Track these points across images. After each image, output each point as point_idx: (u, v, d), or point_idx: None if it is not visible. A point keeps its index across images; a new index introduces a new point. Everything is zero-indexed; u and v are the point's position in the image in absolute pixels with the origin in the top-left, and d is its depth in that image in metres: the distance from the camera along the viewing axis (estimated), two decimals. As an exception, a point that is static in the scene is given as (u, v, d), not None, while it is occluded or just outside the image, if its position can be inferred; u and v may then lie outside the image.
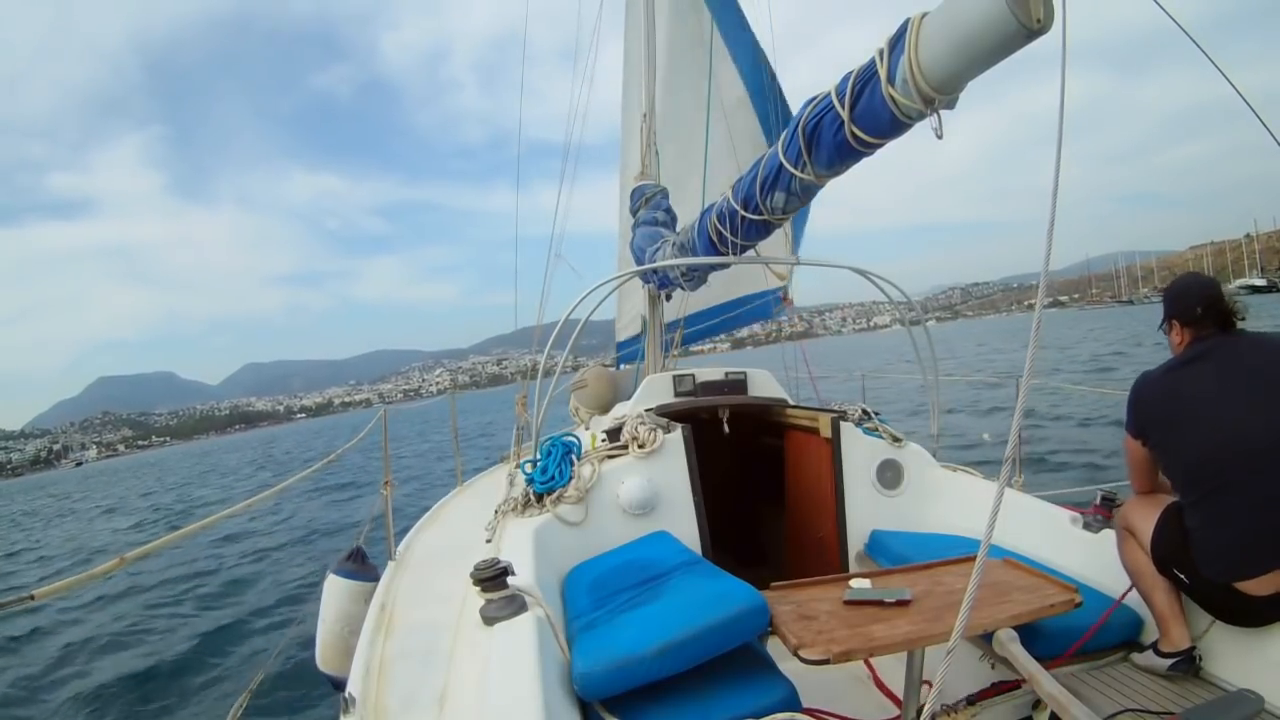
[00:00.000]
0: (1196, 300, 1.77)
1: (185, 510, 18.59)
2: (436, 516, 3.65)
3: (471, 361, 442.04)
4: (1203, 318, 1.76)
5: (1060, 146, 1.15)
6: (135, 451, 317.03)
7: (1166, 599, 1.79)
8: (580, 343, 3.19)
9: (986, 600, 1.70)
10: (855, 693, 2.26)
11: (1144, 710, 1.61)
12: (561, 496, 2.48)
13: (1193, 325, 1.78)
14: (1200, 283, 1.83)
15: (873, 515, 2.86)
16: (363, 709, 1.62)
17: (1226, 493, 1.61)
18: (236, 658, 5.61)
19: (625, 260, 4.91)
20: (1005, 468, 1.14)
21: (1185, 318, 1.79)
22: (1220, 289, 1.80)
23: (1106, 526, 2.23)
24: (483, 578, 1.64)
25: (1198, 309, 1.77)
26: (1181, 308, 1.80)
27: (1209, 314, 1.76)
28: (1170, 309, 1.84)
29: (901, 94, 1.65)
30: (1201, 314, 1.76)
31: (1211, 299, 1.76)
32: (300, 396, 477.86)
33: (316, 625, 2.90)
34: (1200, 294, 1.78)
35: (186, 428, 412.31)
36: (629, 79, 5.48)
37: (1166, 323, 1.86)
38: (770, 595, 1.75)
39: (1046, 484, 6.16)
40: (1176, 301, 1.82)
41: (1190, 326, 1.78)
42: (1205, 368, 1.71)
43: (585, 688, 1.49)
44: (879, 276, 3.23)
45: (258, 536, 11.05)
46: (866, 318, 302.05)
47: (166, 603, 7.79)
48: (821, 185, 2.26)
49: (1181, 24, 1.39)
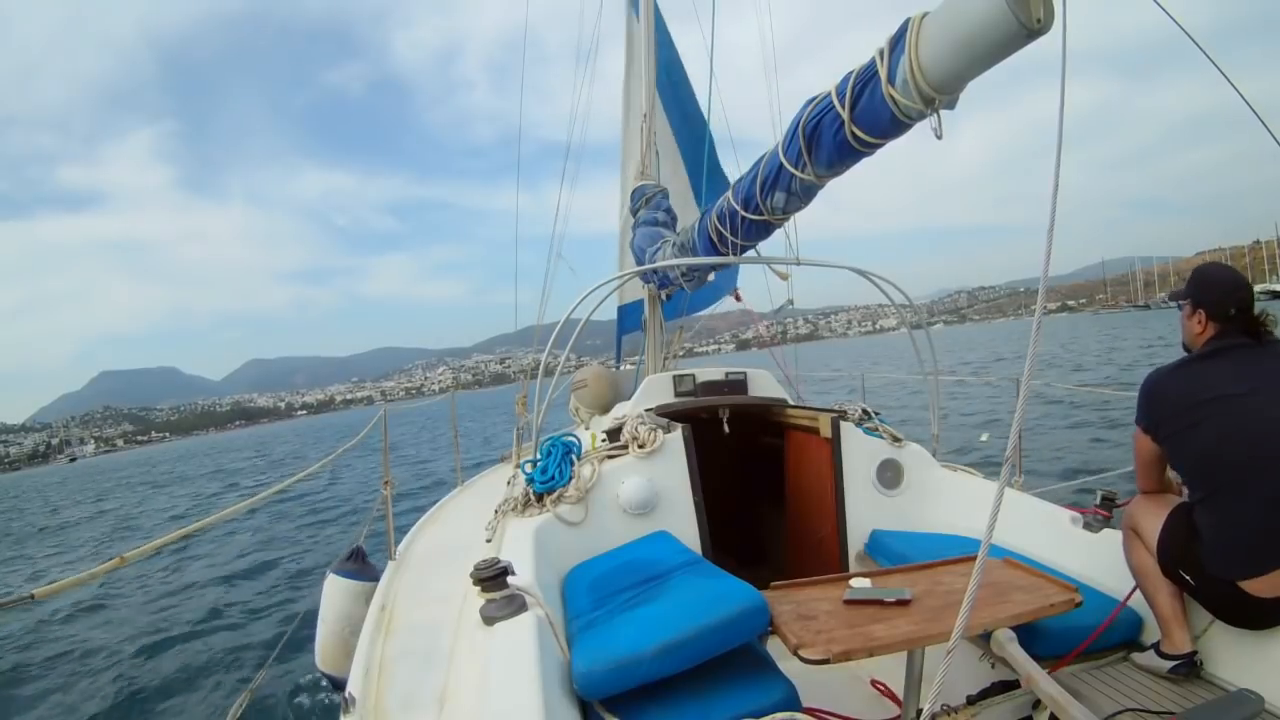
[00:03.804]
0: (1232, 300, 1.71)
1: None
2: (436, 516, 3.65)
3: (475, 360, 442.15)
4: (1234, 318, 1.71)
5: (1060, 147, 1.15)
6: (134, 447, 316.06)
7: (1170, 601, 1.78)
8: (581, 342, 3.20)
9: (986, 600, 1.70)
10: (855, 693, 2.27)
11: (1144, 710, 1.61)
12: (561, 496, 2.48)
13: (1220, 322, 1.72)
14: (1238, 281, 1.76)
15: (873, 515, 2.86)
16: (363, 709, 1.63)
17: (1239, 490, 1.58)
18: (236, 658, 5.61)
19: (625, 260, 4.91)
20: (1005, 468, 1.14)
21: (1215, 312, 1.73)
22: (1253, 292, 1.74)
23: (1106, 526, 2.23)
24: (483, 577, 1.64)
25: (1231, 309, 1.71)
26: (1214, 300, 1.73)
27: (1240, 317, 1.70)
28: (1200, 296, 1.76)
29: (902, 94, 1.65)
30: (1234, 315, 1.71)
31: (1246, 302, 1.71)
32: (302, 393, 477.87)
33: (316, 625, 2.91)
34: (1237, 294, 1.72)
35: (187, 423, 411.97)
36: (629, 80, 5.48)
37: (1191, 306, 1.78)
38: (770, 595, 1.74)
39: (1046, 484, 6.15)
40: (1209, 291, 1.75)
41: (1216, 322, 1.73)
42: (1223, 364, 1.67)
43: (585, 687, 1.49)
44: (879, 277, 3.23)
45: (258, 536, 11.07)
46: (872, 320, 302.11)
47: (166, 602, 7.79)
48: (821, 185, 2.26)
49: (1188, 30, 1.38)
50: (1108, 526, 2.23)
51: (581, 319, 3.06)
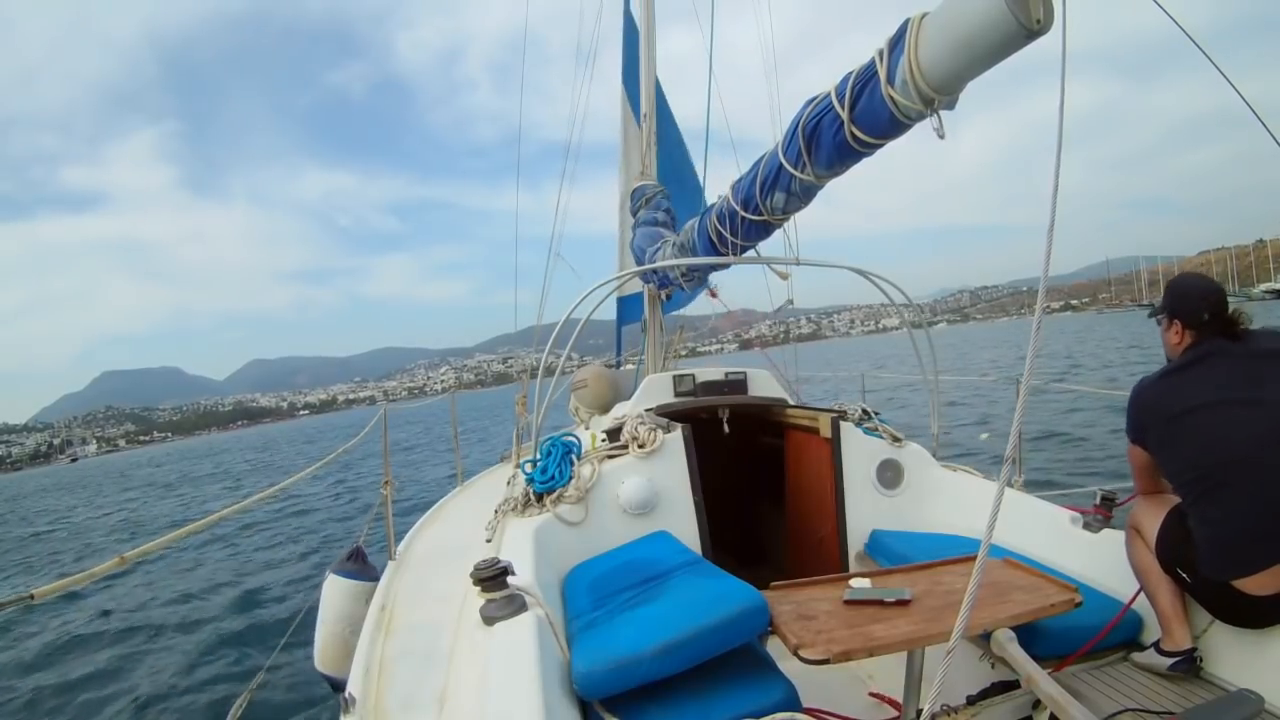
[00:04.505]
0: (1204, 306, 1.74)
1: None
2: (436, 516, 3.65)
3: (477, 360, 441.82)
4: (1208, 323, 1.74)
5: (1060, 148, 1.15)
6: (136, 446, 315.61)
7: (1171, 599, 1.79)
8: (583, 341, 3.20)
9: (986, 600, 1.70)
10: (855, 693, 2.27)
11: (1144, 710, 1.61)
12: (561, 496, 2.48)
13: (1195, 329, 1.76)
14: (1208, 287, 1.79)
15: (873, 515, 2.86)
16: (363, 709, 1.63)
17: (1224, 493, 1.60)
18: (236, 658, 5.61)
19: (625, 258, 4.91)
20: (1005, 468, 1.14)
21: (1190, 320, 1.77)
22: (1225, 295, 1.77)
23: (1107, 526, 2.23)
24: (483, 577, 1.64)
25: (1204, 315, 1.74)
26: (1187, 310, 1.77)
27: (1214, 321, 1.73)
28: (1174, 307, 1.80)
29: (901, 94, 1.65)
30: (1208, 320, 1.74)
31: (1219, 306, 1.74)
32: (304, 393, 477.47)
33: (316, 625, 2.91)
34: (1208, 300, 1.75)
35: (189, 423, 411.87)
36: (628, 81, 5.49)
37: (1167, 319, 1.82)
38: (770, 595, 1.75)
39: (1046, 484, 6.14)
40: (1182, 301, 1.79)
41: (1192, 330, 1.77)
42: (1203, 371, 1.70)
43: (585, 687, 1.49)
44: (879, 277, 3.23)
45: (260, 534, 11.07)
46: (875, 320, 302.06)
47: (166, 603, 7.80)
48: (821, 185, 2.25)
49: (1188, 30, 1.38)
50: (1108, 527, 2.23)
51: (582, 318, 3.07)
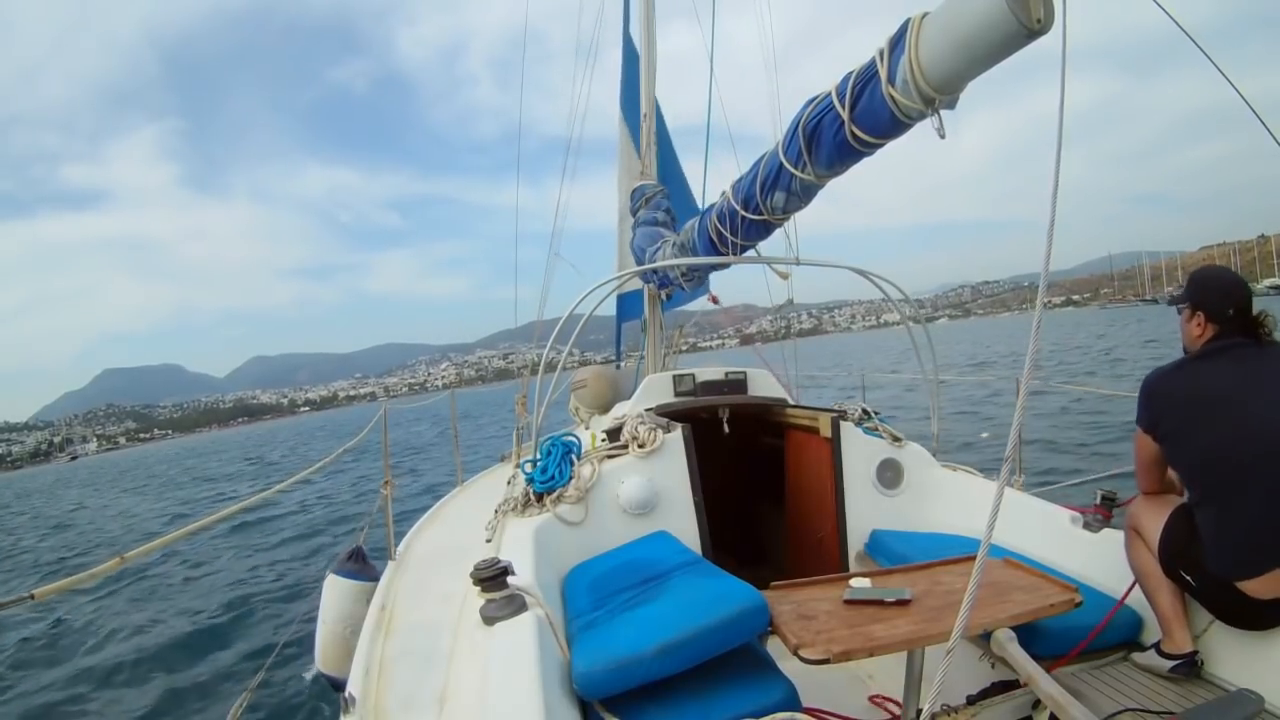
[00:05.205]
0: (1231, 301, 1.71)
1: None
2: (436, 516, 3.65)
3: (478, 356, 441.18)
4: (1233, 319, 1.71)
5: (1060, 146, 1.15)
6: (136, 444, 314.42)
7: (1171, 601, 1.77)
8: (584, 337, 3.20)
9: (986, 600, 1.70)
10: (855, 693, 2.27)
11: (1144, 710, 1.61)
12: (561, 496, 2.48)
13: (1219, 323, 1.72)
14: (1235, 281, 1.76)
15: (873, 515, 2.86)
16: (363, 709, 1.63)
17: (1237, 490, 1.58)
18: (236, 658, 5.61)
19: (624, 257, 4.91)
20: (1005, 467, 1.14)
21: (1214, 313, 1.73)
22: (1250, 293, 1.74)
23: (1106, 526, 2.23)
24: (483, 577, 1.64)
25: (1229, 309, 1.71)
26: (1213, 302, 1.73)
27: (1239, 318, 1.71)
28: (1199, 298, 1.76)
29: (902, 94, 1.65)
30: (1232, 315, 1.71)
31: (1245, 302, 1.71)
32: (305, 389, 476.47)
33: (316, 625, 2.91)
34: (1234, 295, 1.72)
35: (189, 420, 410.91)
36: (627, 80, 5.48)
37: (1190, 309, 1.78)
38: (770, 595, 1.74)
39: (1046, 484, 6.13)
40: (1208, 293, 1.75)
41: (1215, 323, 1.73)
42: (1225, 364, 1.67)
43: (585, 687, 1.49)
44: (879, 276, 3.23)
45: (260, 534, 11.07)
46: (876, 315, 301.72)
47: (166, 603, 7.80)
48: (822, 185, 2.25)
49: (1187, 28, 1.38)
50: (1108, 526, 2.23)
51: (582, 317, 3.07)
